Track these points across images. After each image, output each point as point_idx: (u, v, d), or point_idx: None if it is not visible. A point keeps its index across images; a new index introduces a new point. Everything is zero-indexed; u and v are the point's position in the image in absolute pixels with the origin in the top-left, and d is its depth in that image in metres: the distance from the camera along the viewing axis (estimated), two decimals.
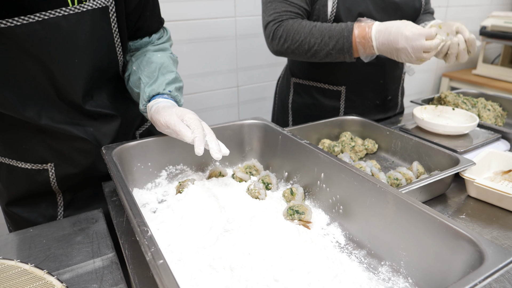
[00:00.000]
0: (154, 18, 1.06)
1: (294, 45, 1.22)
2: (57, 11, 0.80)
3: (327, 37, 1.17)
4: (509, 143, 1.19)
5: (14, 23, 0.76)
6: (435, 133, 1.21)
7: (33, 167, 0.99)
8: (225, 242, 0.74)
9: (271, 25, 1.25)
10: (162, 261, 0.53)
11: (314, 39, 1.19)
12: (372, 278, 0.70)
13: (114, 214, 0.90)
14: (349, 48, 1.16)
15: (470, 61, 3.20)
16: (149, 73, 0.98)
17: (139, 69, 1.00)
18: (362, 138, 1.26)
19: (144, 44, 1.07)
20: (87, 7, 0.85)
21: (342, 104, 1.46)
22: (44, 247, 0.84)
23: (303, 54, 1.23)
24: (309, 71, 1.48)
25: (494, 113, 1.44)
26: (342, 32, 1.16)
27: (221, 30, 1.95)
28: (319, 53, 1.21)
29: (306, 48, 1.21)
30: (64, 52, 0.85)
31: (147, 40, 1.07)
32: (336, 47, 1.17)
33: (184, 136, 0.83)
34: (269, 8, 1.26)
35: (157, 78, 0.97)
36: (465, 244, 0.60)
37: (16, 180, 1.01)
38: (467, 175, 0.96)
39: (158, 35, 1.09)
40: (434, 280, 0.64)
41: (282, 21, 1.23)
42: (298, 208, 0.83)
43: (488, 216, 0.92)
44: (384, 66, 1.42)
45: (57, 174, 1.00)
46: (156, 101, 0.94)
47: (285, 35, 1.22)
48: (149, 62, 1.01)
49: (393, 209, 0.72)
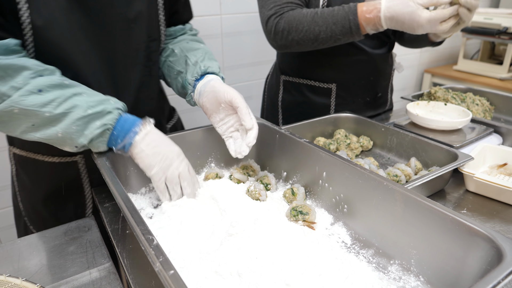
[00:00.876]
0: (188, 8, 1.11)
1: (298, 36, 1.18)
2: None
3: (331, 23, 1.14)
4: (501, 137, 1.20)
5: None
6: (428, 129, 1.21)
7: (61, 161, 0.94)
8: (229, 246, 0.71)
9: (273, 19, 1.21)
10: (173, 271, 0.50)
11: (318, 27, 1.15)
12: (382, 278, 0.69)
13: (108, 222, 0.86)
14: (357, 30, 1.13)
15: (451, 57, 3.25)
16: (198, 54, 1.00)
17: (182, 52, 1.02)
18: (357, 135, 1.25)
19: (178, 31, 1.10)
20: None
21: (333, 101, 1.45)
22: (35, 259, 0.79)
23: (310, 44, 1.19)
24: (299, 69, 1.46)
25: (482, 107, 1.46)
26: (346, 16, 1.13)
27: (206, 28, 1.91)
28: (327, 40, 1.17)
29: (312, 37, 1.17)
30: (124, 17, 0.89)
31: (181, 27, 1.10)
32: (343, 32, 1.14)
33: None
34: (269, 2, 1.22)
35: (211, 60, 0.99)
36: (480, 240, 0.59)
37: (44, 176, 0.98)
38: (466, 170, 0.96)
39: (191, 26, 1.14)
40: (447, 277, 0.63)
41: (283, 13, 1.19)
42: (301, 209, 0.81)
43: (489, 210, 0.92)
44: (374, 63, 1.42)
45: (88, 166, 0.97)
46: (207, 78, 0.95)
47: (288, 27, 1.18)
48: (193, 47, 1.03)
49: (402, 207, 0.70)
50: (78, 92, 0.78)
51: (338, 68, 1.39)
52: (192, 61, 0.99)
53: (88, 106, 0.77)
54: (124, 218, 0.86)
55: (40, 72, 0.76)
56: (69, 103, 0.76)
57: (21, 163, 1.01)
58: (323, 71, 1.42)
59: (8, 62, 0.72)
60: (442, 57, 3.20)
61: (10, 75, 0.73)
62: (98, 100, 0.79)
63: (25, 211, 1.07)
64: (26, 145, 0.98)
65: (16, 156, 1.02)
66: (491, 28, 2.59)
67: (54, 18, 0.80)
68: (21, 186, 1.05)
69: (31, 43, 0.80)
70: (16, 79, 0.73)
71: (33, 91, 0.74)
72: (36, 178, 1.01)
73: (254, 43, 2.12)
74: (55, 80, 0.77)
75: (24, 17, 0.77)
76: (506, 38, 2.62)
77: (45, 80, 0.75)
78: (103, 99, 0.81)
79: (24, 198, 1.06)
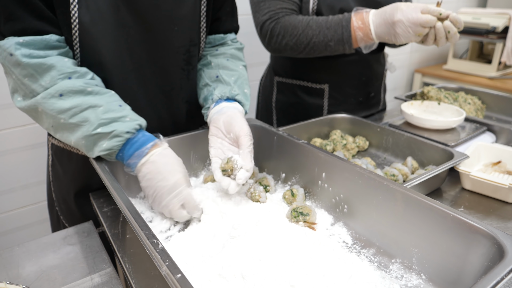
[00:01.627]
0: (232, 18, 1.09)
1: (292, 40, 1.20)
2: None
3: (325, 28, 1.16)
4: (495, 135, 1.22)
5: None
6: (423, 128, 1.22)
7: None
8: (232, 249, 0.71)
9: (268, 23, 1.23)
10: (180, 275, 0.50)
11: (311, 31, 1.17)
12: (385, 276, 0.69)
13: (107, 226, 0.85)
14: (348, 37, 1.14)
15: (440, 57, 3.29)
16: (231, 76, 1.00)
17: (218, 67, 1.02)
18: (352, 135, 1.26)
19: (218, 40, 1.08)
20: None
21: (326, 102, 1.46)
22: (35, 266, 0.78)
23: (302, 48, 1.21)
24: (292, 70, 1.47)
25: (474, 106, 1.48)
26: (340, 22, 1.15)
27: None
28: (318, 46, 1.19)
29: (304, 41, 1.19)
30: (169, 19, 0.90)
31: (221, 36, 1.08)
32: (335, 38, 1.16)
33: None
34: (263, 7, 1.23)
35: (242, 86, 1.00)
36: (481, 238, 0.60)
37: (76, 169, 0.99)
38: (462, 168, 0.97)
39: (232, 36, 1.11)
40: (449, 275, 0.64)
41: (278, 18, 1.21)
42: (302, 210, 0.81)
43: (485, 208, 0.93)
44: (366, 63, 1.43)
45: None
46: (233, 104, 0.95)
47: (283, 32, 1.20)
48: (229, 67, 1.02)
49: (402, 206, 0.71)
50: (95, 104, 0.78)
51: (330, 69, 1.40)
52: (225, 80, 0.99)
53: (99, 124, 0.78)
54: (124, 223, 0.86)
55: (69, 74, 0.78)
56: (82, 115, 0.78)
57: (57, 153, 1.02)
58: (315, 72, 1.43)
59: (38, 62, 0.75)
60: (432, 56, 3.24)
61: (40, 73, 0.76)
62: (111, 118, 0.79)
63: (57, 201, 1.08)
64: None
65: (54, 147, 1.03)
66: (479, 28, 2.63)
67: (101, 14, 0.82)
68: (55, 177, 1.06)
69: (76, 38, 0.82)
70: (45, 78, 0.77)
71: (55, 95, 0.77)
72: (69, 170, 1.01)
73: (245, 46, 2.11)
74: (77, 86, 0.78)
75: (73, 12, 0.79)
76: (494, 37, 2.66)
77: (68, 85, 0.77)
78: (118, 117, 0.80)
79: (57, 188, 1.06)
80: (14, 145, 1.61)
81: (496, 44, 2.69)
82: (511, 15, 2.57)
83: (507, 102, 1.52)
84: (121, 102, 0.84)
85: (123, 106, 0.83)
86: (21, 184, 1.68)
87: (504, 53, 2.67)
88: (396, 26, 1.06)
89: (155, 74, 0.96)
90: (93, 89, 0.80)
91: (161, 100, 0.98)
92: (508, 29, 2.60)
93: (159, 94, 0.98)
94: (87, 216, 0.95)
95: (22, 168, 1.66)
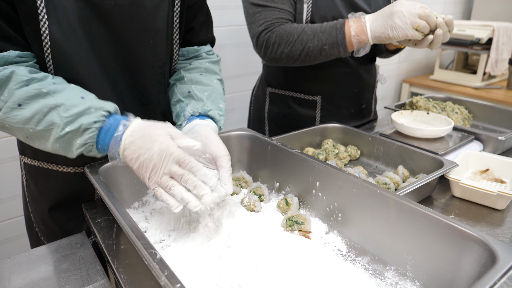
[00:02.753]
0: (207, 29, 1.07)
1: (287, 47, 1.21)
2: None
3: (319, 32, 1.17)
4: (482, 143, 1.25)
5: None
6: (413, 137, 1.24)
7: (76, 171, 0.92)
8: (228, 258, 0.71)
9: (264, 34, 1.23)
10: (179, 285, 0.50)
11: (306, 36, 1.18)
12: (379, 284, 0.70)
13: (101, 237, 0.85)
14: (343, 39, 1.15)
15: (427, 67, 3.36)
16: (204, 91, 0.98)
17: (191, 82, 0.99)
18: (344, 145, 1.28)
19: (192, 52, 1.05)
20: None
21: (318, 113, 1.48)
22: (27, 279, 0.77)
23: (297, 55, 1.21)
24: (285, 81, 1.48)
25: (462, 115, 1.51)
26: (335, 25, 1.17)
27: None
28: (313, 51, 1.19)
29: (299, 47, 1.19)
30: (144, 32, 0.88)
31: (195, 49, 1.05)
32: (329, 41, 1.17)
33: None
34: (259, 18, 1.24)
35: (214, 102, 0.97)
36: (473, 244, 0.61)
37: (56, 187, 0.96)
38: (452, 176, 0.99)
39: (207, 49, 1.08)
40: (442, 280, 0.65)
41: (274, 28, 1.22)
42: (297, 219, 0.82)
43: (475, 215, 0.95)
44: (358, 75, 1.45)
45: None
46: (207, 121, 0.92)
47: (279, 40, 1.21)
48: (203, 82, 1.00)
49: (396, 214, 0.72)
50: (55, 104, 0.73)
51: (323, 80, 1.42)
52: (197, 96, 0.96)
53: (65, 123, 0.73)
54: (118, 233, 0.85)
55: (26, 82, 0.74)
56: (47, 120, 0.73)
57: (32, 173, 1.00)
58: (308, 84, 1.44)
59: None
60: (418, 67, 3.30)
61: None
62: (75, 113, 0.74)
63: (35, 222, 1.05)
64: (39, 155, 0.96)
65: (27, 166, 1.00)
66: (464, 39, 2.70)
67: (72, 29, 0.80)
68: (31, 197, 1.03)
69: (49, 55, 0.80)
70: (3, 92, 0.72)
71: (14, 106, 0.72)
72: (45, 189, 0.99)
73: (236, 56, 2.14)
74: (31, 91, 0.73)
75: (43, 29, 0.77)
76: (478, 48, 2.73)
77: (23, 92, 0.73)
78: (82, 111, 0.74)
79: (34, 209, 1.04)
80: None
81: (481, 55, 2.76)
82: (494, 27, 2.64)
83: (493, 111, 1.56)
84: (83, 93, 0.78)
85: (86, 97, 0.77)
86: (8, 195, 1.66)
87: (489, 63, 2.74)
88: (395, 16, 1.07)
89: (131, 89, 0.94)
90: (48, 90, 0.75)
91: (139, 115, 0.89)
92: (492, 40, 2.67)
93: (136, 109, 0.95)
94: (70, 232, 0.92)
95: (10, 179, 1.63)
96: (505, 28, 2.71)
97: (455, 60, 3.05)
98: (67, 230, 0.99)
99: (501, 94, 2.63)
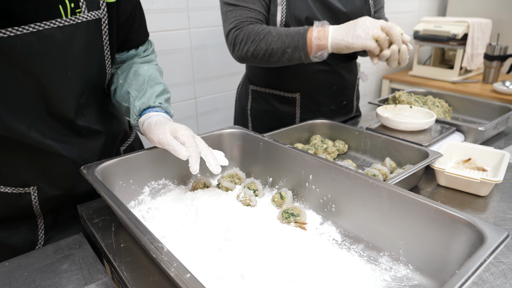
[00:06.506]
0: (141, 30, 1.05)
1: (253, 46, 1.23)
2: (52, 22, 0.78)
3: (283, 35, 1.20)
4: (463, 134, 1.30)
5: (7, 34, 0.73)
6: (398, 130, 1.29)
7: (13, 191, 0.91)
8: (229, 251, 0.73)
9: (233, 32, 1.27)
10: (189, 275, 0.52)
11: (271, 37, 1.21)
12: (375, 269, 0.73)
13: (100, 236, 0.86)
14: (304, 44, 1.18)
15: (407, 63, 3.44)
16: (138, 86, 0.96)
17: (126, 82, 0.98)
18: (332, 140, 1.31)
19: (131, 56, 1.05)
20: (82, 19, 0.83)
21: (298, 110, 1.51)
22: (28, 280, 0.77)
23: (262, 55, 1.24)
24: (266, 79, 1.52)
25: (442, 108, 1.57)
26: (299, 30, 1.20)
27: (176, 42, 1.93)
28: (276, 52, 1.22)
29: (264, 47, 1.22)
30: (58, 64, 0.83)
31: (133, 52, 1.06)
32: (292, 44, 1.19)
33: (179, 154, 0.82)
34: (230, 16, 1.27)
35: (145, 91, 0.95)
36: (462, 226, 0.65)
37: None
38: (437, 166, 1.03)
39: (144, 47, 1.08)
40: (434, 263, 0.69)
41: (243, 27, 1.25)
42: (292, 211, 0.84)
43: (460, 202, 1.00)
44: (337, 73, 1.48)
45: (40, 197, 0.94)
46: (147, 115, 0.92)
47: (246, 38, 1.24)
48: (136, 74, 0.98)
49: (388, 202, 0.76)
50: None
51: (301, 78, 1.45)
52: (132, 99, 0.95)
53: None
54: (117, 232, 0.86)
55: None
56: None
57: None
58: (287, 81, 1.48)
59: None
60: None
61: None
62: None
63: None
64: None
65: None
66: (441, 36, 2.79)
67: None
68: None
69: None
70: None
71: None
72: None
73: (220, 56, 2.16)
74: None
75: None
76: (455, 44, 2.82)
77: None
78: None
79: None
80: None
81: (457, 50, 2.85)
82: (469, 23, 2.73)
83: (471, 104, 1.62)
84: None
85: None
86: None
87: (465, 58, 2.83)
88: (358, 26, 1.11)
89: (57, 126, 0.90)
90: None
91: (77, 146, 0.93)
92: (467, 36, 2.76)
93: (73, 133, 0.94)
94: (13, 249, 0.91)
95: None
96: (479, 23, 2.80)
97: (432, 56, 3.14)
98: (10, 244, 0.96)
99: (477, 88, 2.73)
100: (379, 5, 1.47)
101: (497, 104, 1.55)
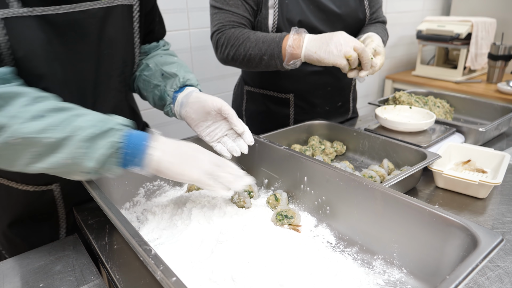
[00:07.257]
0: (161, 25, 1.12)
1: (232, 51, 1.23)
2: (94, 2, 0.85)
3: (261, 42, 1.19)
4: (463, 135, 1.29)
5: (59, 11, 0.79)
6: (397, 131, 1.28)
7: (36, 189, 0.93)
8: (221, 253, 0.73)
9: (215, 35, 1.27)
10: (175, 278, 0.51)
11: (249, 43, 1.20)
12: (368, 272, 0.72)
13: (94, 238, 0.85)
14: (279, 53, 1.17)
15: (409, 63, 3.42)
16: (172, 68, 0.99)
17: (157, 66, 1.02)
18: (330, 141, 1.30)
19: (153, 48, 1.11)
20: (117, 2, 0.90)
21: (292, 111, 1.50)
22: (21, 281, 0.77)
23: (241, 59, 1.24)
24: (259, 79, 1.51)
25: (443, 109, 1.56)
26: (275, 37, 1.18)
27: (175, 42, 1.93)
28: (254, 58, 1.22)
29: (242, 53, 1.22)
30: (100, 41, 0.88)
31: (155, 44, 1.11)
32: (268, 52, 1.18)
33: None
34: (214, 19, 1.28)
35: (189, 72, 1.00)
36: (456, 230, 0.64)
37: (16, 203, 0.95)
38: (435, 168, 1.02)
39: (164, 42, 1.15)
40: (428, 266, 0.68)
41: (225, 30, 1.25)
42: (286, 213, 0.84)
43: (458, 204, 0.98)
44: (331, 74, 1.46)
45: (64, 194, 0.96)
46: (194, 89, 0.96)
47: (226, 42, 1.24)
48: (168, 61, 1.03)
49: (382, 205, 0.75)
50: (80, 113, 0.72)
51: (294, 79, 1.44)
52: (170, 74, 0.99)
53: (91, 125, 0.70)
54: (111, 234, 0.86)
55: (37, 99, 0.71)
56: (71, 126, 0.69)
57: None
58: (281, 82, 1.46)
59: (1, 91, 0.68)
60: (400, 63, 3.36)
61: (5, 103, 0.68)
62: (102, 118, 0.73)
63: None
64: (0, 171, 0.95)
65: None
66: (444, 35, 2.76)
67: (33, 48, 0.79)
68: None
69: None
70: (12, 107, 0.68)
71: (34, 117, 0.68)
72: (7, 204, 0.98)
73: None
74: (55, 104, 0.71)
75: (5, 50, 0.76)
76: (458, 43, 2.79)
77: (44, 105, 0.70)
78: (107, 117, 0.74)
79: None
80: None
81: (461, 50, 2.82)
82: (473, 22, 2.70)
83: (473, 104, 1.61)
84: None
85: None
86: None
87: (469, 58, 2.80)
88: (332, 42, 1.09)
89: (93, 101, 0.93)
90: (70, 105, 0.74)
91: None
92: (471, 35, 2.73)
93: None
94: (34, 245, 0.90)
95: None
96: (483, 23, 2.77)
97: (436, 55, 3.11)
98: (32, 242, 0.98)
99: (481, 88, 2.70)
100: (376, 5, 1.45)
101: (499, 105, 1.53)
